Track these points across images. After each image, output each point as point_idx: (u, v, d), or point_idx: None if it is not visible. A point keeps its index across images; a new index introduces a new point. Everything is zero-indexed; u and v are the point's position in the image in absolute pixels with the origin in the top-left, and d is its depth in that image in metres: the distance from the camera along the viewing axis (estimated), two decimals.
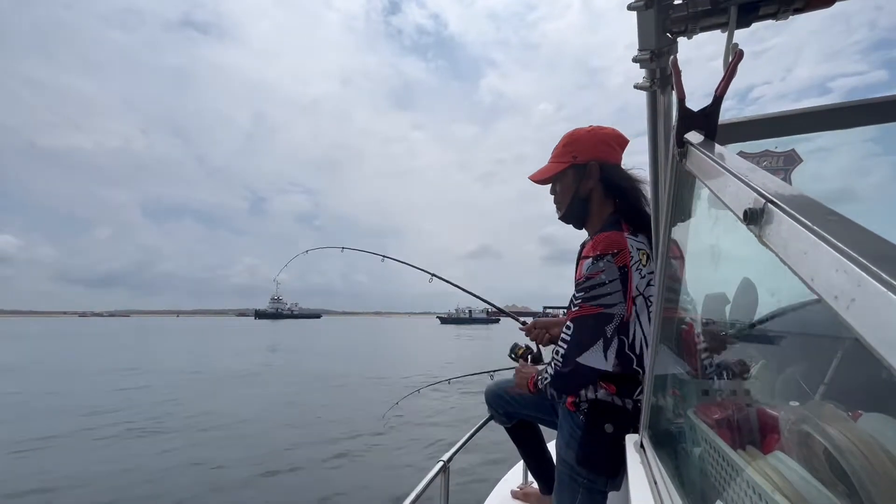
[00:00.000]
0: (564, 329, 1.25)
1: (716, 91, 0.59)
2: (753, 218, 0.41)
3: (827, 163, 0.82)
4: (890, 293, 0.24)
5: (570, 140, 1.40)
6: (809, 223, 0.35)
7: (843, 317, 0.29)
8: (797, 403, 0.78)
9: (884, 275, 0.25)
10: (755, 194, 0.42)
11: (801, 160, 0.79)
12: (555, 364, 1.27)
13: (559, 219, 1.48)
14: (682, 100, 0.61)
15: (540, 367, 1.49)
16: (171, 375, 13.97)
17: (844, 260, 0.29)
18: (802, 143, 0.77)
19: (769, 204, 0.40)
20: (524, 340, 1.77)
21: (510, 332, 1.80)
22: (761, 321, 0.89)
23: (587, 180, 1.38)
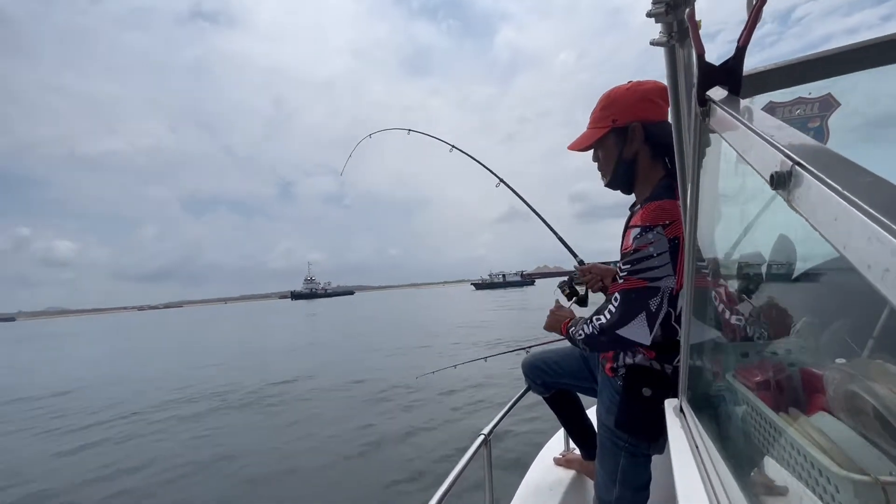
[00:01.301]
0: (612, 300, 1.22)
1: (738, 41, 0.54)
2: (781, 182, 0.39)
3: (868, 105, 0.74)
4: None
5: (607, 102, 1.29)
6: (840, 188, 0.32)
7: (878, 287, 0.28)
8: (843, 361, 0.75)
9: None
10: (782, 156, 0.40)
11: (838, 104, 0.73)
12: (592, 327, 1.25)
13: (605, 186, 1.39)
14: (700, 55, 0.57)
15: (577, 317, 1.46)
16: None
17: (877, 228, 0.28)
18: (839, 86, 0.70)
19: (797, 167, 0.37)
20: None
21: (544, 295, 1.75)
22: (800, 278, 0.85)
23: (631, 143, 1.27)
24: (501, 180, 2.27)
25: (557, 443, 2.17)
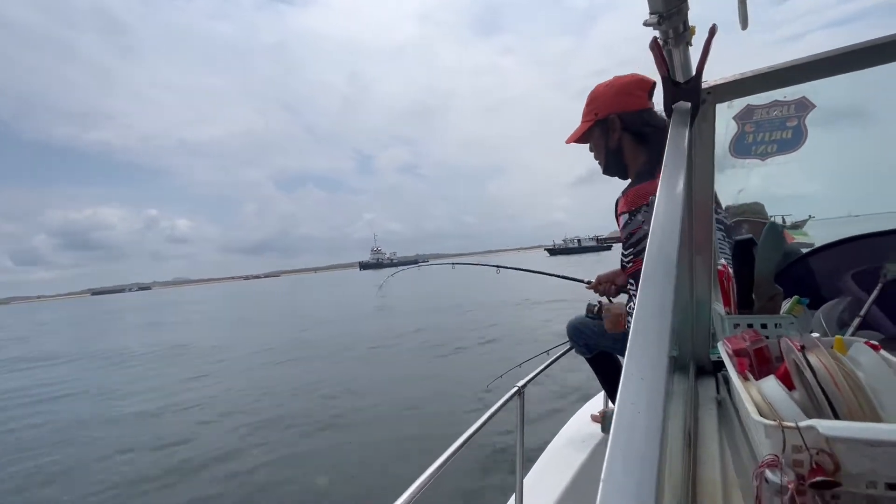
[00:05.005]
0: (629, 286, 1.34)
1: (696, 67, 0.64)
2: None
3: (842, 105, 0.76)
4: None
5: (591, 98, 1.45)
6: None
7: None
8: (817, 335, 0.83)
9: None
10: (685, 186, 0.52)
11: (813, 105, 0.76)
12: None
13: (603, 173, 1.53)
14: (664, 77, 0.67)
15: (626, 308, 1.53)
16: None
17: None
18: (812, 88, 0.74)
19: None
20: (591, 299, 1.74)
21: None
22: (792, 260, 0.90)
23: (613, 133, 1.41)
24: None
25: (597, 402, 2.32)
